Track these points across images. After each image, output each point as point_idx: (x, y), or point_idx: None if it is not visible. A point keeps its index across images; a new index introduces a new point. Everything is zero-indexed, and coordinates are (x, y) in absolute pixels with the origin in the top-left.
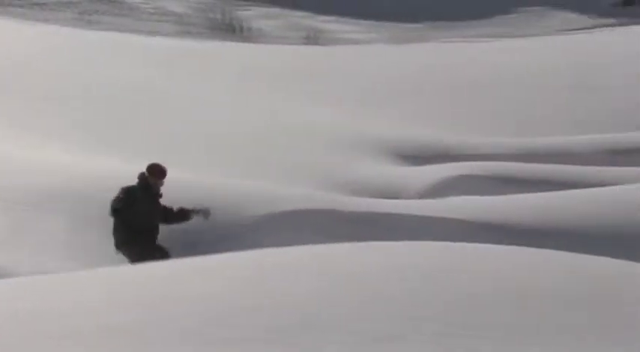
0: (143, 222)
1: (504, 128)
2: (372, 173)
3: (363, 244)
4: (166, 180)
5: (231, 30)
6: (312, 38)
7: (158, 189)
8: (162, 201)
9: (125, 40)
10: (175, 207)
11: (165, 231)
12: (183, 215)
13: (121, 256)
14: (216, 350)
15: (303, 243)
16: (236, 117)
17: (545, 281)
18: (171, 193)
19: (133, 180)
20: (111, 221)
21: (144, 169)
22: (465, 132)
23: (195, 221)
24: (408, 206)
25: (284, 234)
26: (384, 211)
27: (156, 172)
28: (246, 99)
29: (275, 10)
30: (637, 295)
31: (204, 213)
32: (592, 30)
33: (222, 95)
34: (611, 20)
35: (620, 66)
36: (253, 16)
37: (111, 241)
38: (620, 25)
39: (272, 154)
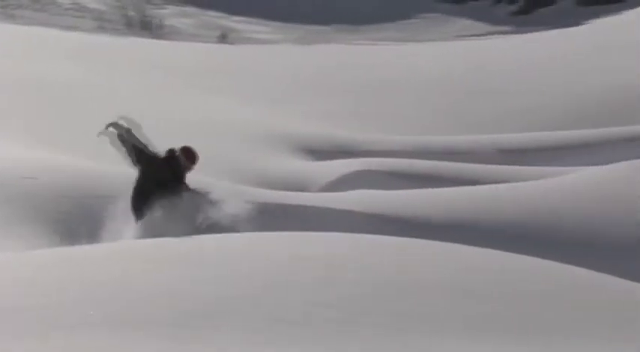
0: (158, 190)
1: (405, 127)
2: (280, 167)
3: (269, 234)
4: (83, 171)
5: (146, 27)
6: (225, 37)
7: (185, 170)
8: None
9: (45, 34)
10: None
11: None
12: None
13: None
14: (132, 331)
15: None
16: (149, 111)
17: (442, 273)
18: (85, 182)
19: (51, 169)
20: (39, 210)
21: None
22: (367, 130)
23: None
24: (313, 198)
25: None
26: (291, 203)
27: (187, 155)
28: (160, 94)
29: (190, 10)
30: (532, 289)
31: None
32: (487, 37)
33: (137, 89)
34: (506, 28)
35: (513, 71)
36: (168, 14)
37: (35, 229)
38: (514, 32)
39: None
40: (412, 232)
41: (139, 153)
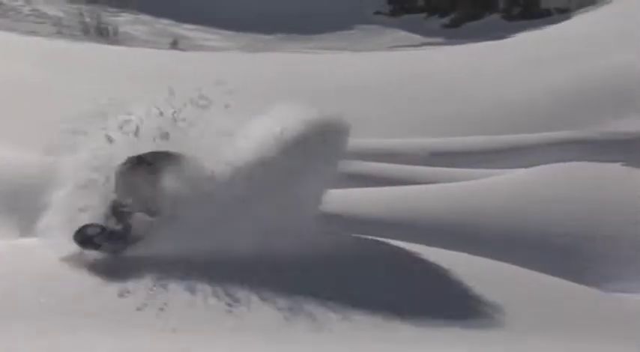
0: None
1: None
2: None
3: None
4: (42, 167)
5: (102, 33)
6: (176, 44)
7: None
8: None
9: (6, 38)
10: None
11: None
12: None
13: None
14: (73, 323)
15: None
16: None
17: (377, 269)
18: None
19: (10, 165)
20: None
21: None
22: None
23: None
24: None
25: None
26: None
27: None
28: (116, 96)
29: (143, 17)
30: (460, 282)
31: None
32: (421, 47)
33: (93, 91)
34: (438, 39)
35: (445, 79)
36: (123, 21)
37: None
38: (445, 44)
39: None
40: (352, 229)
41: None
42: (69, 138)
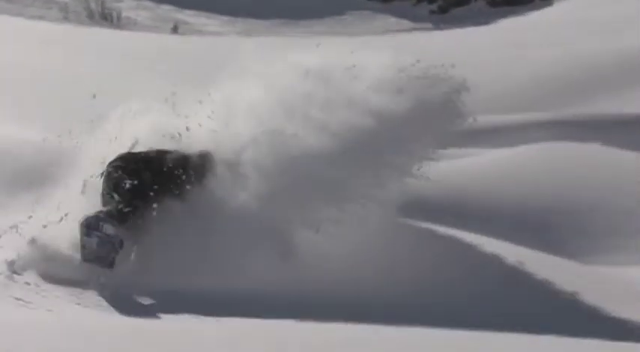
0: None
1: None
2: None
3: None
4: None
5: (106, 18)
6: (177, 29)
7: None
8: None
9: (16, 23)
10: None
11: None
12: None
13: None
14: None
15: None
16: (108, 91)
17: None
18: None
19: (19, 142)
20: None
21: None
22: None
23: None
24: None
25: None
26: None
27: None
28: (119, 77)
29: (146, 3)
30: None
31: None
32: (410, 32)
33: (98, 72)
34: (426, 25)
35: (434, 62)
36: (126, 7)
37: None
38: (434, 29)
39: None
40: None
41: None
42: (80, 127)
